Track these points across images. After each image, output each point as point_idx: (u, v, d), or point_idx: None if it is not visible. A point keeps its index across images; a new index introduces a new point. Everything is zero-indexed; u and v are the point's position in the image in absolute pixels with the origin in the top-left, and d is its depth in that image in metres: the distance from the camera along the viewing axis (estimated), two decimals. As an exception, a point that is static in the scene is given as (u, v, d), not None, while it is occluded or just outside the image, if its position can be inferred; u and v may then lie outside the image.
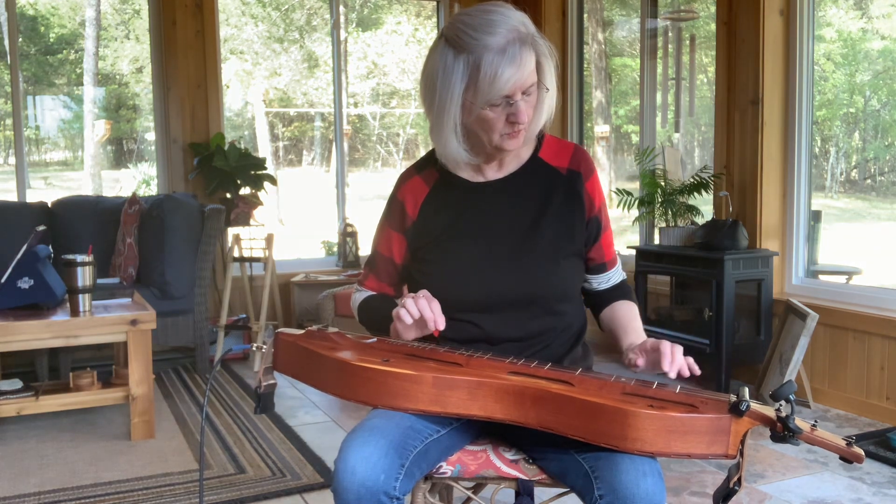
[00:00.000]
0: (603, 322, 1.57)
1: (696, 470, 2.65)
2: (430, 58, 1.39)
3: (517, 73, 1.31)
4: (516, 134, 1.39)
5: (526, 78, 1.33)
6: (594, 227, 1.51)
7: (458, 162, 1.46)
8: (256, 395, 1.43)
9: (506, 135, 1.39)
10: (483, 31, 1.31)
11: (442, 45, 1.36)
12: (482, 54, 1.31)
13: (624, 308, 1.54)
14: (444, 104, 1.36)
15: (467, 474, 1.40)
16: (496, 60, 1.30)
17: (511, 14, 1.34)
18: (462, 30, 1.34)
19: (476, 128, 1.39)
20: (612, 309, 1.55)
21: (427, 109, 1.42)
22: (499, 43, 1.31)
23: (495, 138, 1.39)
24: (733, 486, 1.14)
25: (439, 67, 1.36)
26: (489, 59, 1.30)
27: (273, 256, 4.33)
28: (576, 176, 1.49)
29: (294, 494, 2.50)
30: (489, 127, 1.37)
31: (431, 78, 1.38)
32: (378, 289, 1.61)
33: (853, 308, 3.34)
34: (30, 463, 2.80)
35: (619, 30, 7.21)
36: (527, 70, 1.33)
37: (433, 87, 1.38)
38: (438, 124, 1.40)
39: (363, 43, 9.97)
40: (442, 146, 1.42)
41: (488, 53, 1.31)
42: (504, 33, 1.31)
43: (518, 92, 1.33)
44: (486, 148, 1.43)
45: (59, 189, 8.40)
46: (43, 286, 3.02)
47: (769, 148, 3.66)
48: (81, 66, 8.25)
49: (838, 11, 4.51)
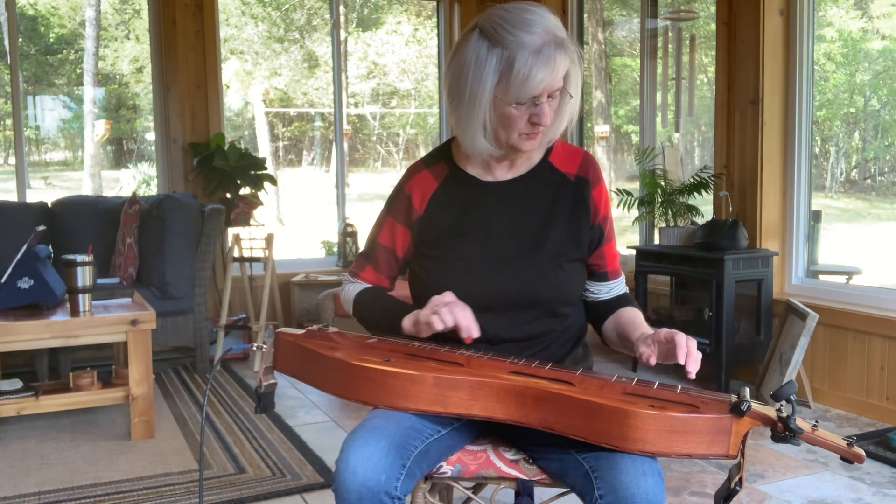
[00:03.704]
0: (606, 330, 1.54)
1: (696, 470, 2.64)
2: (461, 48, 1.37)
3: (549, 75, 1.31)
4: (535, 135, 1.38)
5: (555, 81, 1.33)
6: (597, 233, 1.51)
7: (483, 154, 1.43)
8: (257, 394, 1.43)
9: (524, 135, 1.38)
10: (521, 28, 1.31)
11: (476, 37, 1.35)
12: (517, 51, 1.30)
13: (628, 312, 1.52)
14: (476, 96, 1.35)
15: (467, 474, 1.40)
16: (531, 60, 1.30)
17: (548, 16, 1.34)
18: (499, 23, 1.32)
19: (497, 124, 1.38)
20: (615, 315, 1.52)
21: (455, 101, 1.39)
22: (535, 43, 1.30)
23: (514, 137, 1.38)
24: (734, 486, 1.14)
25: (471, 59, 1.34)
26: (524, 58, 1.30)
27: (273, 256, 4.33)
28: (583, 182, 1.49)
29: (294, 494, 2.49)
30: (511, 125, 1.37)
31: (462, 68, 1.36)
32: (376, 281, 1.58)
33: (853, 308, 3.34)
34: (30, 463, 2.80)
35: (619, 30, 7.21)
36: (558, 74, 1.33)
37: (464, 77, 1.35)
38: (468, 116, 1.38)
39: (363, 43, 9.97)
40: (470, 138, 1.40)
41: (524, 52, 1.30)
42: (541, 34, 1.31)
43: (545, 94, 1.33)
44: (502, 144, 1.41)
45: (59, 189, 8.40)
46: (43, 286, 3.02)
47: (769, 148, 3.66)
48: (81, 66, 8.24)
49: (838, 11, 4.51)
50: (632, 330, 1.45)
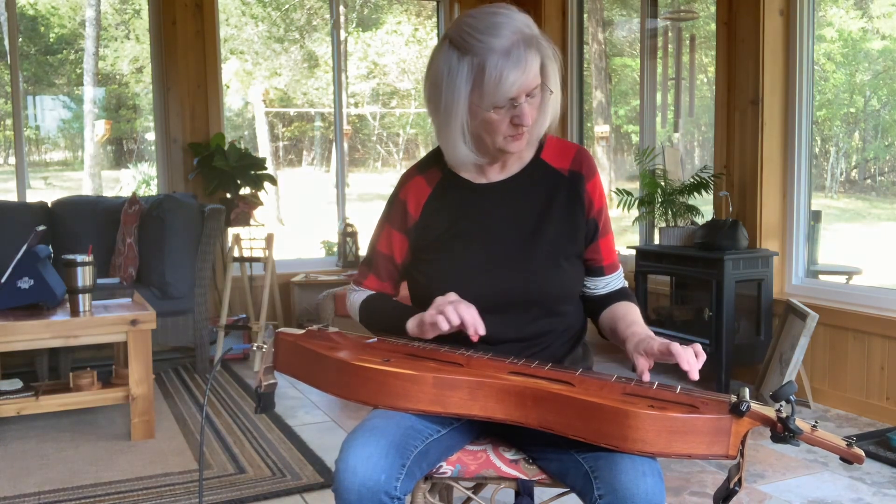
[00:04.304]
0: (602, 324, 1.54)
1: (696, 470, 2.65)
2: (435, 60, 1.39)
3: (522, 76, 1.31)
4: (520, 136, 1.39)
5: (530, 80, 1.33)
6: (592, 227, 1.50)
7: (466, 164, 1.45)
8: (257, 394, 1.43)
9: (509, 137, 1.38)
10: (488, 33, 1.31)
11: (447, 48, 1.36)
12: (487, 56, 1.30)
13: (623, 306, 1.51)
14: (451, 107, 1.36)
15: (467, 474, 1.40)
16: (501, 63, 1.30)
17: (516, 16, 1.34)
18: (467, 32, 1.33)
19: (480, 130, 1.39)
20: (610, 309, 1.52)
21: (433, 112, 1.41)
22: (503, 45, 1.30)
23: (499, 140, 1.39)
24: (734, 486, 1.14)
25: (444, 70, 1.35)
26: (494, 62, 1.30)
27: (273, 256, 4.33)
28: (577, 177, 1.49)
29: (294, 494, 2.49)
30: (493, 129, 1.37)
31: (437, 80, 1.37)
32: (379, 288, 1.59)
33: (853, 308, 3.34)
34: (30, 463, 2.80)
35: (619, 30, 7.21)
36: (531, 72, 1.33)
37: (439, 89, 1.37)
38: (446, 127, 1.39)
39: (363, 43, 9.97)
40: (451, 148, 1.42)
41: (493, 56, 1.30)
42: (508, 35, 1.31)
43: (522, 94, 1.33)
44: (489, 150, 1.42)
45: (59, 189, 8.40)
46: (43, 286, 3.02)
47: (769, 148, 3.66)
48: (81, 66, 8.25)
49: (838, 11, 4.51)
50: (623, 326, 1.44)
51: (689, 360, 1.23)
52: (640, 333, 1.37)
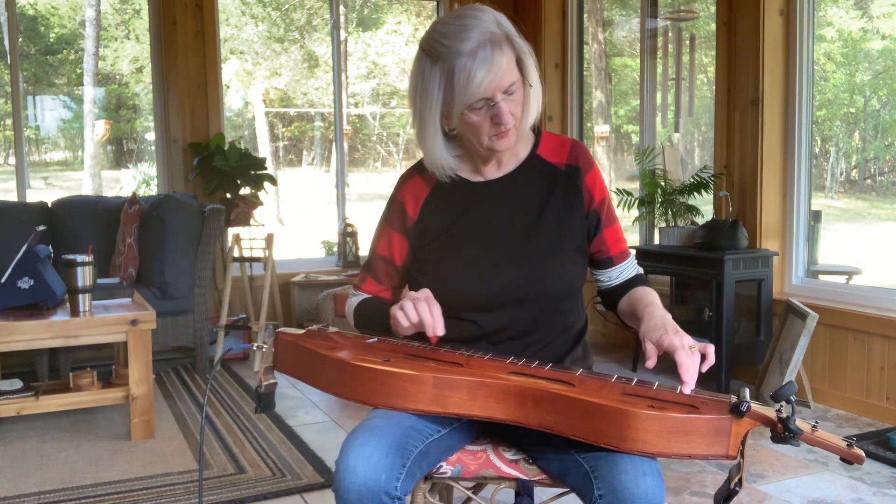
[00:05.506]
0: (623, 311, 1.51)
1: (696, 470, 2.65)
2: (411, 71, 1.42)
3: (489, 74, 1.32)
4: (504, 134, 1.39)
5: (501, 78, 1.33)
6: (594, 219, 1.50)
7: (444, 169, 1.47)
8: (257, 394, 1.43)
9: (494, 136, 1.39)
10: (455, 37, 1.33)
11: (420, 56, 1.39)
12: (455, 61, 1.33)
13: (639, 290, 1.49)
14: (425, 113, 1.39)
15: (467, 474, 1.40)
16: (468, 64, 1.32)
17: (484, 17, 1.35)
18: (436, 39, 1.35)
19: (464, 132, 1.41)
20: (628, 295, 1.50)
21: (413, 119, 1.45)
22: (470, 47, 1.32)
23: (485, 140, 1.40)
24: (734, 486, 1.14)
25: (418, 79, 1.39)
26: (461, 64, 1.32)
27: (273, 256, 4.33)
28: (575, 171, 1.49)
29: (294, 494, 2.49)
30: (476, 130, 1.39)
31: (413, 89, 1.41)
32: (376, 292, 1.59)
33: (853, 308, 3.34)
34: (30, 463, 2.80)
35: (619, 30, 7.22)
36: (500, 70, 1.33)
37: (415, 99, 1.41)
38: (422, 133, 1.42)
39: (363, 43, 9.98)
40: (428, 154, 1.45)
41: (460, 59, 1.32)
42: (476, 37, 1.32)
43: (497, 92, 1.34)
44: (479, 151, 1.44)
45: (59, 189, 8.41)
46: (43, 286, 3.02)
47: (769, 148, 3.66)
48: (81, 66, 8.25)
49: (838, 11, 4.51)
50: (641, 308, 1.41)
51: (691, 375, 1.20)
52: (655, 316, 1.34)
